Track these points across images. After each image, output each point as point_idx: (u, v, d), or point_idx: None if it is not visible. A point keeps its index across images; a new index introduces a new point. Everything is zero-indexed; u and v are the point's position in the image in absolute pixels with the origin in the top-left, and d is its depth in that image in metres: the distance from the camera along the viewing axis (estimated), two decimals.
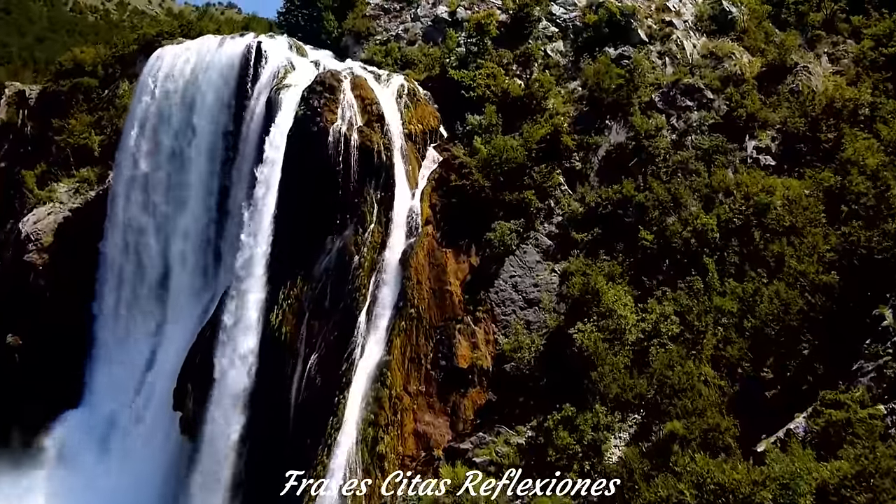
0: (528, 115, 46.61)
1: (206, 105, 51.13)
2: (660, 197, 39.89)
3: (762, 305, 30.91)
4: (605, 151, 44.98)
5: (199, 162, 49.65)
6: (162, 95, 54.03)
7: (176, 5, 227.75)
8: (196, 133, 50.53)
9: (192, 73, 53.06)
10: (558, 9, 53.63)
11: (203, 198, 49.23)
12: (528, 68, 50.68)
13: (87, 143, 64.72)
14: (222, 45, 53.12)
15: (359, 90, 45.33)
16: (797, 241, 34.07)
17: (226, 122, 50.16)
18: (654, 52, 50.00)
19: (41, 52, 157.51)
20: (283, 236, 43.47)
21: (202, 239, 49.44)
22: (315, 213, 43.06)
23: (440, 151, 45.65)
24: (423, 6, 54.92)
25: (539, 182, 42.08)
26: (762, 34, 49.86)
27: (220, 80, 51.54)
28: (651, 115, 45.63)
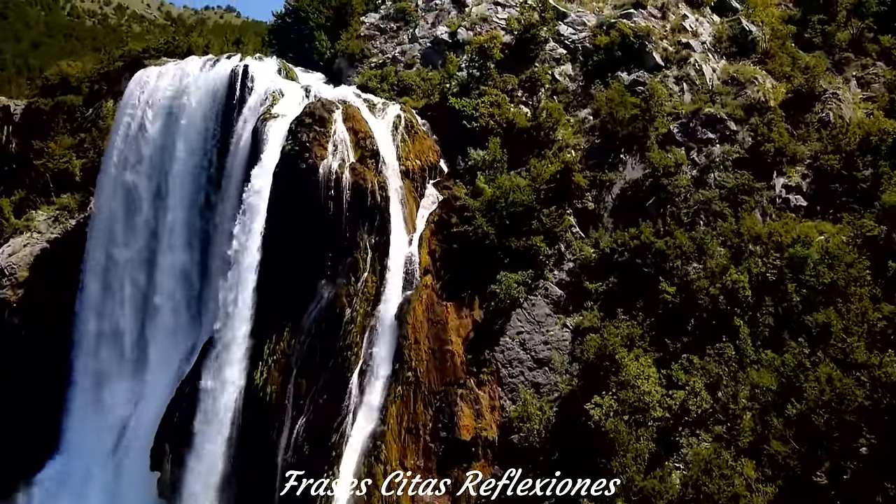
0: (536, 148, 42.22)
1: (189, 135, 46.64)
2: (682, 245, 35.55)
3: (809, 389, 26.46)
4: (620, 189, 40.58)
5: (182, 198, 45.12)
6: (143, 122, 49.53)
7: (175, 9, 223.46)
8: (178, 166, 46.05)
9: (175, 98, 48.55)
10: (566, 29, 49.16)
11: (186, 238, 44.77)
12: (535, 94, 46.23)
13: (68, 168, 60.21)
14: (208, 68, 48.60)
15: (351, 122, 40.91)
16: (843, 308, 29.63)
17: (210, 155, 45.66)
18: (670, 78, 45.53)
19: (35, 59, 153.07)
20: (269, 283, 39.09)
21: (185, 282, 44.99)
22: (304, 259, 38.74)
23: (440, 189, 41.23)
24: (422, 26, 50.42)
25: (548, 226, 37.69)
26: (788, 59, 45.34)
27: (204, 107, 47.07)
28: (669, 149, 41.20)
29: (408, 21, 50.82)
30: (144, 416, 44.50)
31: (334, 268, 38.29)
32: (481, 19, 49.30)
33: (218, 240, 42.26)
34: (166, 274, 44.92)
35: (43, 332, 51.69)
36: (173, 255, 44.44)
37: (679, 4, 51.02)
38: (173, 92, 48.43)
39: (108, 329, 48.70)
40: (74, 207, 58.02)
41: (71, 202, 58.29)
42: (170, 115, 47.68)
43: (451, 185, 40.97)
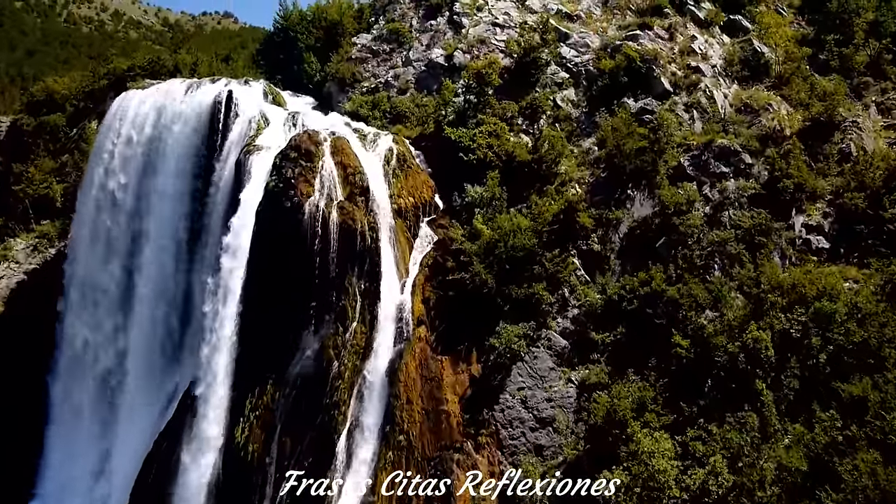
0: (537, 183, 39.08)
1: (171, 167, 43.39)
2: (697, 296, 32.28)
3: (846, 475, 23.27)
4: (628, 228, 37.42)
5: (162, 237, 41.90)
6: (124, 151, 46.32)
7: (172, 14, 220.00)
8: (159, 202, 42.82)
9: (157, 125, 45.33)
10: (568, 51, 45.94)
11: (165, 279, 41.49)
12: (536, 122, 43.00)
13: (49, 193, 56.94)
14: (191, 92, 45.36)
15: (340, 156, 37.71)
16: (879, 378, 26.43)
17: (193, 190, 42.40)
18: (680, 105, 42.33)
19: (29, 68, 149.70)
20: (252, 330, 35.90)
21: (165, 324, 41.74)
22: (289, 305, 35.56)
23: (435, 228, 38.04)
24: (416, 48, 47.19)
25: (551, 272, 34.48)
26: (805, 85, 42.19)
27: (186, 137, 43.78)
28: (680, 184, 38.05)
29: (401, 43, 47.59)
30: (121, 465, 41.35)
31: (321, 315, 35.12)
32: (479, 41, 46.10)
33: (199, 282, 38.99)
34: (146, 317, 41.67)
35: (21, 369, 48.56)
36: (152, 300, 41.16)
37: (687, 24, 47.85)
38: (155, 119, 45.27)
39: (88, 368, 45.50)
40: (54, 235, 54.89)
41: (51, 229, 55.16)
42: (150, 147, 44.51)
43: (447, 224, 37.77)
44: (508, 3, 49.28)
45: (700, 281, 34.19)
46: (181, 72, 59.87)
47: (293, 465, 33.17)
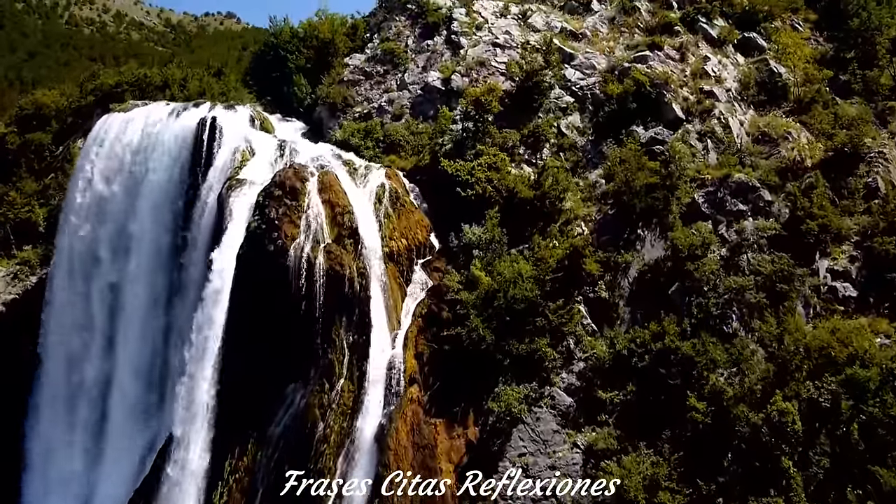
0: (540, 221, 35.95)
1: (152, 200, 40.40)
2: (714, 357, 29.09)
3: None
4: (638, 272, 34.26)
5: (144, 277, 38.89)
6: (104, 177, 43.26)
7: (175, 15, 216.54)
8: (140, 240, 39.84)
9: (138, 153, 42.29)
10: (573, 73, 42.67)
11: (148, 321, 38.50)
12: (539, 151, 39.83)
13: (31, 217, 53.80)
14: (173, 117, 42.30)
15: (328, 194, 34.59)
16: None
17: (174, 222, 39.39)
18: (692, 133, 39.08)
19: (29, 72, 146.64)
20: (233, 383, 32.86)
21: (147, 369, 38.70)
22: (272, 357, 32.48)
23: (430, 271, 34.92)
24: (412, 70, 43.92)
25: (556, 324, 31.28)
26: (828, 114, 38.86)
27: (167, 166, 40.83)
28: (694, 224, 34.78)
29: (396, 64, 44.32)
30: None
31: (306, 370, 32.13)
32: (478, 63, 42.82)
33: (178, 328, 35.95)
34: (125, 365, 38.70)
35: None
36: (131, 347, 38.18)
37: (699, 43, 44.54)
38: (136, 146, 42.22)
39: (67, 413, 42.54)
40: (36, 262, 51.70)
41: (32, 256, 51.99)
42: (131, 177, 41.54)
43: (443, 268, 34.64)
44: (510, 20, 45.98)
45: (717, 336, 31.01)
46: (170, 87, 56.82)
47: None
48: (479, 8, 46.46)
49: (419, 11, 46.58)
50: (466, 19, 45.47)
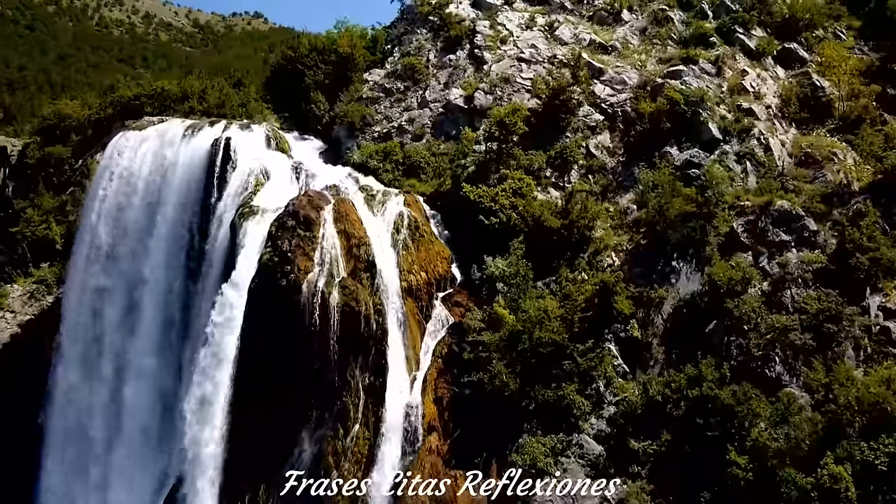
0: (568, 251, 33.66)
1: (166, 226, 38.66)
2: (756, 409, 26.60)
3: None
4: (673, 307, 31.78)
5: (156, 303, 37.19)
6: (118, 199, 41.59)
7: (203, 15, 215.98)
8: (152, 269, 38.13)
9: (153, 174, 40.58)
10: (603, 89, 40.13)
11: (160, 352, 36.74)
12: (566, 173, 37.46)
13: (48, 235, 52.43)
14: (189, 136, 40.47)
15: (344, 224, 32.51)
16: None
17: (188, 250, 37.59)
18: (730, 155, 36.41)
19: (58, 75, 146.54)
20: (243, 426, 30.94)
21: (155, 409, 36.97)
22: (284, 399, 30.50)
23: (451, 306, 32.72)
24: (433, 87, 41.64)
25: (584, 368, 28.90)
26: (877, 135, 35.95)
27: (182, 189, 39.09)
28: (734, 256, 32.18)
29: (417, 80, 42.08)
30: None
31: (320, 413, 30.22)
32: (502, 80, 40.42)
33: (188, 363, 34.10)
34: (135, 401, 37.00)
35: (9, 435, 44.24)
36: (141, 382, 36.46)
37: (736, 56, 41.74)
38: (150, 167, 40.49)
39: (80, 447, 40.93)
40: (52, 281, 50.35)
41: (49, 275, 50.60)
42: (145, 200, 39.83)
43: (465, 303, 32.42)
44: (536, 33, 43.49)
45: (759, 382, 28.51)
46: (190, 99, 55.04)
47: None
48: (503, 20, 44.01)
49: (441, 24, 44.28)
50: (490, 32, 43.05)
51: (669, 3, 45.04)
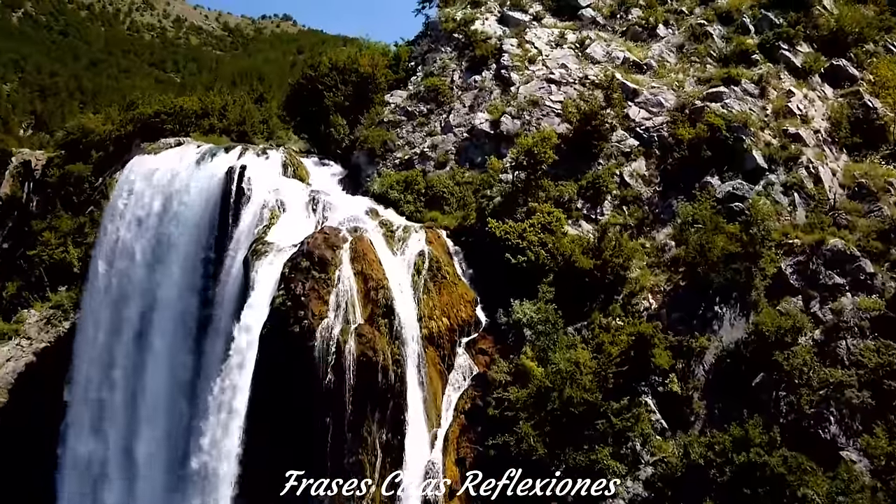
0: (601, 293, 30.96)
1: (177, 257, 36.85)
2: (811, 483, 23.88)
3: None
4: (715, 357, 29.03)
5: (164, 352, 35.41)
6: (131, 226, 39.88)
7: (233, 18, 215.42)
8: (164, 307, 36.34)
9: (167, 202, 38.74)
10: (638, 112, 37.35)
11: (170, 396, 34.86)
12: (599, 205, 34.80)
13: (66, 258, 50.96)
14: (205, 161, 38.56)
15: (361, 264, 30.22)
16: None
17: (201, 287, 35.64)
18: (776, 186, 33.46)
19: (89, 81, 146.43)
20: (254, 481, 28.84)
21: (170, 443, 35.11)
22: (296, 454, 28.27)
23: (474, 354, 30.32)
24: (458, 111, 39.13)
25: (619, 429, 26.30)
26: None
27: (195, 221, 37.26)
28: (782, 301, 29.32)
29: (441, 103, 39.59)
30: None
31: (334, 470, 27.92)
32: (531, 103, 37.79)
33: (198, 412, 32.06)
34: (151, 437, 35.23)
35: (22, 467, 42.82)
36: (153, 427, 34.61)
37: (781, 75, 38.64)
38: (163, 195, 38.61)
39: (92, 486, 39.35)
40: (69, 306, 48.83)
41: (65, 300, 49.09)
42: (158, 229, 37.97)
43: (490, 350, 30.03)
44: (566, 51, 40.74)
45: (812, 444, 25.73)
46: (210, 116, 53.24)
47: None
48: (531, 37, 41.33)
49: (466, 42, 41.72)
50: (518, 51, 40.41)
51: (708, 17, 41.99)
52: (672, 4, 44.06)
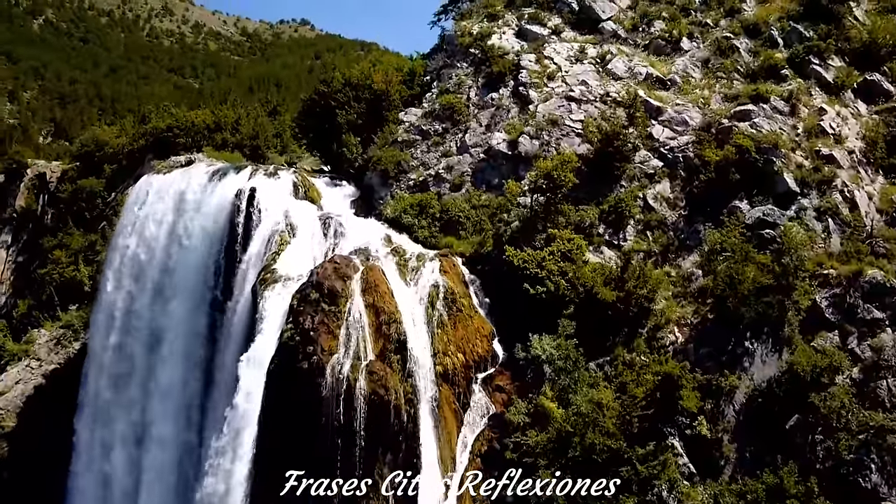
0: (624, 327, 29.33)
1: (187, 283, 35.71)
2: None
3: None
4: (746, 396, 27.30)
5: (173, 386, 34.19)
6: (139, 252, 38.78)
7: (251, 23, 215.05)
8: (171, 326, 35.07)
9: (177, 223, 37.58)
10: (662, 131, 35.64)
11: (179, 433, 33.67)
12: (622, 230, 33.14)
13: (76, 276, 50.03)
14: (214, 183, 37.40)
15: (373, 296, 28.72)
16: None
17: (209, 317, 34.38)
18: (810, 211, 31.62)
19: (108, 88, 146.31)
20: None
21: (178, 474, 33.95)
22: (304, 497, 26.70)
23: (491, 391, 28.79)
24: (474, 130, 37.58)
25: (645, 476, 24.61)
26: None
27: (204, 245, 36.10)
28: (817, 336, 27.50)
29: (456, 121, 38.04)
30: None
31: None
32: (550, 122, 36.17)
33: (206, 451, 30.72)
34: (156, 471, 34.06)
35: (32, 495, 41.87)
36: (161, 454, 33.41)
37: (812, 91, 36.77)
38: (171, 220, 37.46)
39: None
40: (79, 326, 47.89)
41: (75, 320, 48.11)
42: (166, 255, 36.79)
43: (507, 387, 28.53)
44: (586, 66, 39.06)
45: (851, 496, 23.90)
46: (223, 129, 52.37)
47: None
48: (550, 52, 39.70)
49: (483, 57, 40.15)
50: (536, 67, 38.77)
51: (734, 29, 40.16)
52: (696, 16, 42.31)
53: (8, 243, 58.43)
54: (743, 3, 41.96)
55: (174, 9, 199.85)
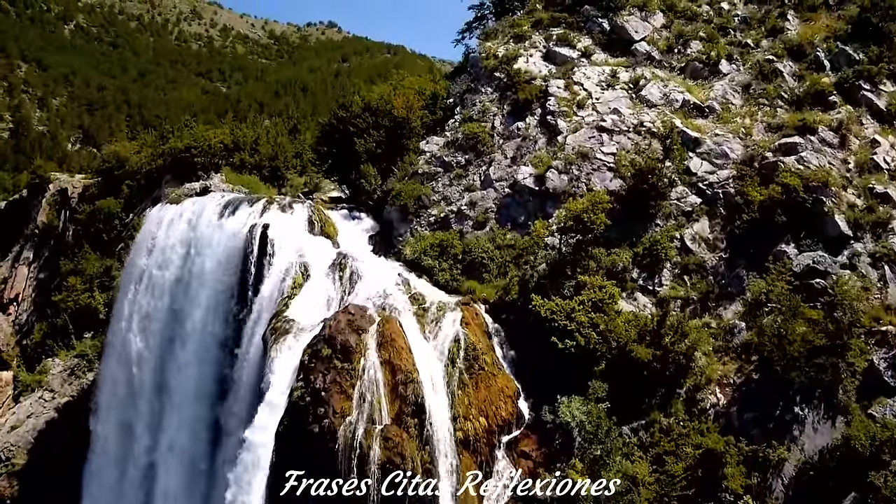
0: (661, 387, 26.71)
1: (196, 326, 33.79)
2: None
3: None
4: (796, 470, 24.57)
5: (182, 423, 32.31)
6: (151, 282, 37.02)
7: (279, 26, 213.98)
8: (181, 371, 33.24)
9: (186, 258, 35.80)
10: (700, 164, 32.94)
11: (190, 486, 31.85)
12: (657, 274, 30.53)
13: (91, 303, 48.50)
14: (225, 218, 35.45)
15: (389, 352, 26.53)
16: None
17: (219, 363, 32.47)
18: (864, 257, 28.76)
19: (136, 94, 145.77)
20: None
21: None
22: None
23: (516, 457, 26.42)
24: (498, 162, 35.14)
25: None
26: None
27: (215, 283, 34.11)
28: (874, 402, 24.73)
29: (480, 153, 35.63)
30: None
31: None
32: (580, 155, 33.61)
33: None
34: None
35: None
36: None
37: (863, 119, 33.82)
38: (184, 251, 35.58)
39: None
40: (93, 356, 46.34)
41: (90, 349, 46.56)
42: (174, 295, 34.94)
43: (533, 452, 26.06)
44: (618, 92, 36.42)
45: None
46: (242, 150, 50.47)
47: None
48: (580, 77, 37.08)
49: (509, 83, 37.69)
50: (565, 94, 36.21)
51: (777, 51, 37.21)
52: (735, 36, 39.44)
53: (30, 259, 57.32)
54: (786, 21, 38.98)
55: (202, 12, 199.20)
